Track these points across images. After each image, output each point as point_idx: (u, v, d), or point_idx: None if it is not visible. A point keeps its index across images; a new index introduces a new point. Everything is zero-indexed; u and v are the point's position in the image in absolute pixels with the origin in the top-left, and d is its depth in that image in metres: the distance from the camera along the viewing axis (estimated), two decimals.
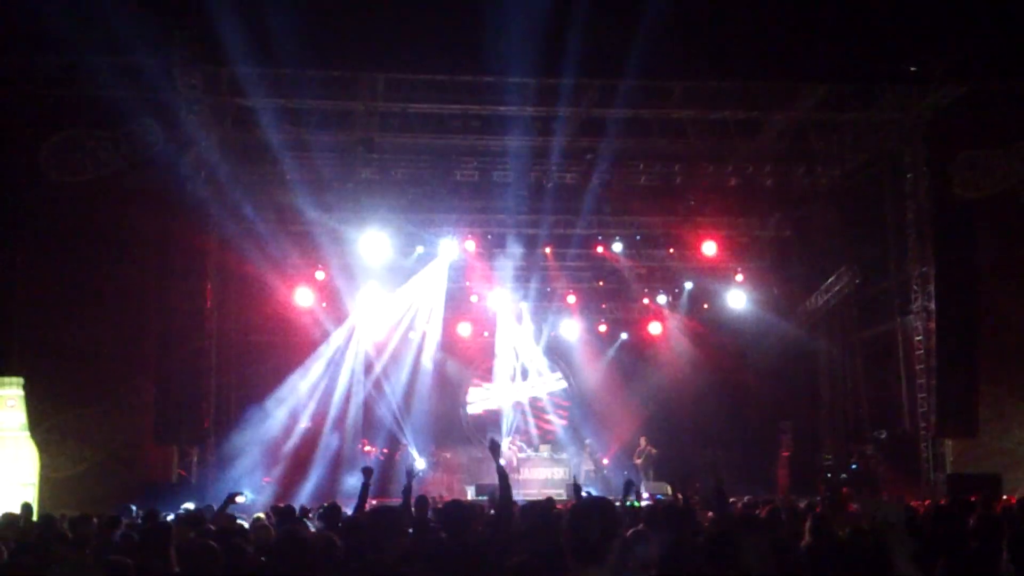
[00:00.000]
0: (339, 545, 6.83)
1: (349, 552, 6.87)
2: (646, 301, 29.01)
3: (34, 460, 16.89)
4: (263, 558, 7.67)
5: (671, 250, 26.61)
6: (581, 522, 4.44)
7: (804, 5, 17.79)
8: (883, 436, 22.15)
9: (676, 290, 28.41)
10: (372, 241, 23.38)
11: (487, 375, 30.13)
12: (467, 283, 27.68)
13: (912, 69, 19.82)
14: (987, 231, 20.23)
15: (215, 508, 12.02)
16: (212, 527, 8.99)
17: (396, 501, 13.00)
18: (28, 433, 16.93)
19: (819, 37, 18.40)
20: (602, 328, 29.73)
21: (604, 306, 29.77)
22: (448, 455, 27.35)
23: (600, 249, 26.19)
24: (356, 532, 7.36)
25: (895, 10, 18.06)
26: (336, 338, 26.27)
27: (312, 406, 25.61)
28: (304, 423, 25.51)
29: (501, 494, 8.54)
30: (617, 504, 12.97)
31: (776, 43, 18.13)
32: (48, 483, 17.36)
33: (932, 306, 20.74)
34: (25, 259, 19.34)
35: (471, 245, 25.15)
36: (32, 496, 16.05)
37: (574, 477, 22.40)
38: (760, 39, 17.43)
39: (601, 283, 28.63)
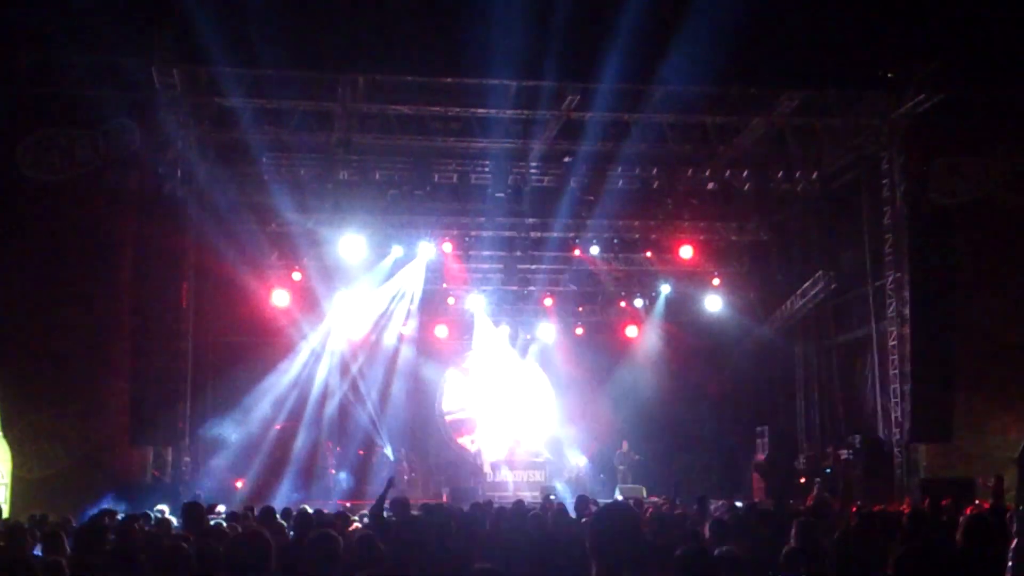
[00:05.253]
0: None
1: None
2: (623, 304, 28.97)
3: (6, 460, 16.78)
4: None
5: (648, 253, 26.59)
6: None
7: (783, 11, 17.86)
8: (857, 441, 22.24)
9: (653, 294, 28.37)
10: (350, 242, 23.29)
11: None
12: (444, 285, 27.60)
13: (890, 76, 19.95)
14: (963, 237, 20.37)
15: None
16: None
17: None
18: (0, 433, 16.82)
19: (798, 43, 18.48)
20: (579, 331, 29.64)
21: (581, 309, 29.72)
22: (425, 457, 27.31)
23: (577, 252, 26.14)
24: None
25: (874, 17, 18.16)
26: (312, 339, 26.16)
27: (287, 408, 25.51)
28: (278, 425, 25.42)
29: None
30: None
31: (755, 48, 18.19)
32: (20, 483, 17.24)
33: (907, 311, 20.84)
34: None
35: (448, 247, 25.07)
36: (3, 496, 15.97)
37: (551, 480, 22.44)
38: (739, 44, 17.45)
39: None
